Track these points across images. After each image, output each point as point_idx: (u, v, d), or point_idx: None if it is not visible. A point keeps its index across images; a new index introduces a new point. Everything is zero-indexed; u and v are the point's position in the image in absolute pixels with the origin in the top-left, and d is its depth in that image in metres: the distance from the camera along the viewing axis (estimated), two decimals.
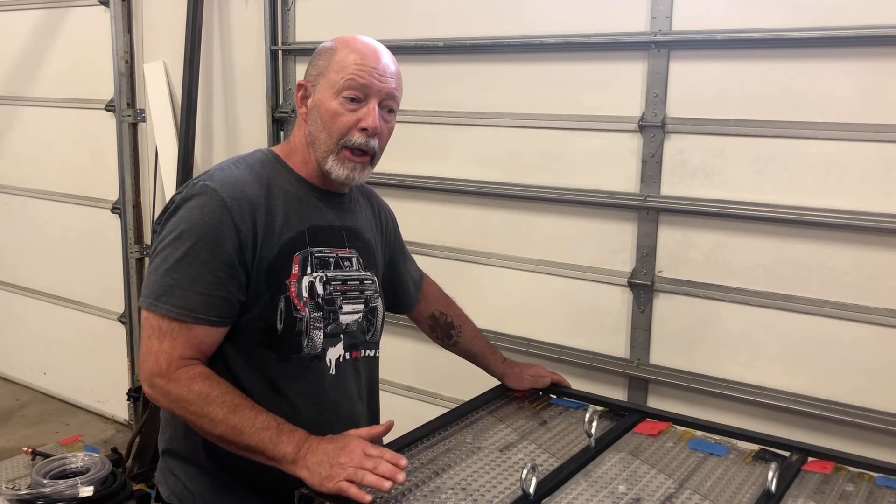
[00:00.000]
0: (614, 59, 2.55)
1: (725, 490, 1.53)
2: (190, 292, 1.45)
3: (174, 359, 1.45)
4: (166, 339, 1.45)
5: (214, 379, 1.45)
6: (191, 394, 1.42)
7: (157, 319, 1.46)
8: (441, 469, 1.56)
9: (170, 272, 1.46)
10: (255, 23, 3.39)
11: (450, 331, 2.02)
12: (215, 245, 1.46)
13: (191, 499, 1.59)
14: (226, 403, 1.42)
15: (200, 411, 1.42)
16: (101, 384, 4.35)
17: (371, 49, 1.58)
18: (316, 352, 1.58)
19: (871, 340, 2.23)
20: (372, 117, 1.54)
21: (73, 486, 2.37)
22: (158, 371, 1.44)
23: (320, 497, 1.39)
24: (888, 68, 2.13)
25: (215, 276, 1.46)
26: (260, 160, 1.62)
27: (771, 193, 2.32)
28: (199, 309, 1.45)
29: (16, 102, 4.45)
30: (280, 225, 1.55)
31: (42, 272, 4.55)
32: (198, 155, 3.60)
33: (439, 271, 2.08)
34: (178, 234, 1.47)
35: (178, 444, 1.61)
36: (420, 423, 1.77)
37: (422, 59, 2.95)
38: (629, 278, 2.57)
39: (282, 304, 1.53)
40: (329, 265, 1.61)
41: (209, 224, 1.47)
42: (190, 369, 1.45)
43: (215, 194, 1.48)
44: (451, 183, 2.93)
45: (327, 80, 1.56)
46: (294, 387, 1.56)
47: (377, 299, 1.72)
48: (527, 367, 2.05)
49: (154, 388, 1.46)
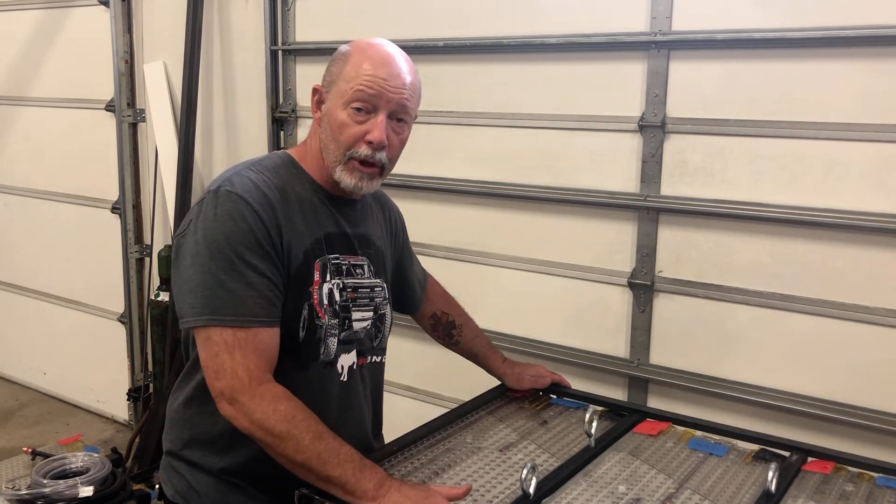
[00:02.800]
0: (614, 59, 2.55)
1: (725, 490, 1.53)
2: (247, 298, 1.42)
3: (252, 371, 1.40)
4: (237, 352, 1.41)
5: (295, 401, 1.41)
6: (276, 414, 1.38)
7: (221, 334, 1.41)
8: (441, 469, 1.56)
9: (221, 284, 1.42)
10: (255, 23, 3.39)
11: (451, 330, 2.02)
12: (256, 247, 1.44)
13: (196, 498, 1.58)
14: (311, 429, 1.38)
15: (286, 434, 1.37)
16: (101, 384, 4.35)
17: (385, 57, 1.53)
18: (329, 359, 1.57)
19: (871, 340, 2.23)
20: (379, 131, 1.50)
21: (73, 486, 2.37)
22: (241, 387, 1.39)
23: (320, 497, 1.39)
24: (888, 68, 2.13)
25: (266, 276, 1.45)
26: (275, 165, 1.59)
27: (771, 193, 2.32)
28: (260, 313, 1.43)
29: (16, 102, 4.45)
30: (300, 230, 1.53)
31: (42, 272, 4.55)
32: (198, 155, 3.60)
33: (439, 271, 2.09)
34: (217, 244, 1.43)
35: (185, 446, 1.60)
36: (420, 423, 1.77)
37: (422, 59, 2.91)
38: (629, 278, 2.57)
39: (305, 311, 1.52)
40: (342, 272, 1.60)
41: (244, 229, 1.44)
42: (273, 387, 1.41)
43: (241, 199, 1.45)
44: (451, 183, 2.93)
45: (338, 89, 1.52)
46: (306, 393, 1.53)
47: (386, 306, 1.71)
48: (527, 368, 2.05)
49: (236, 406, 1.40)
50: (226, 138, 3.65)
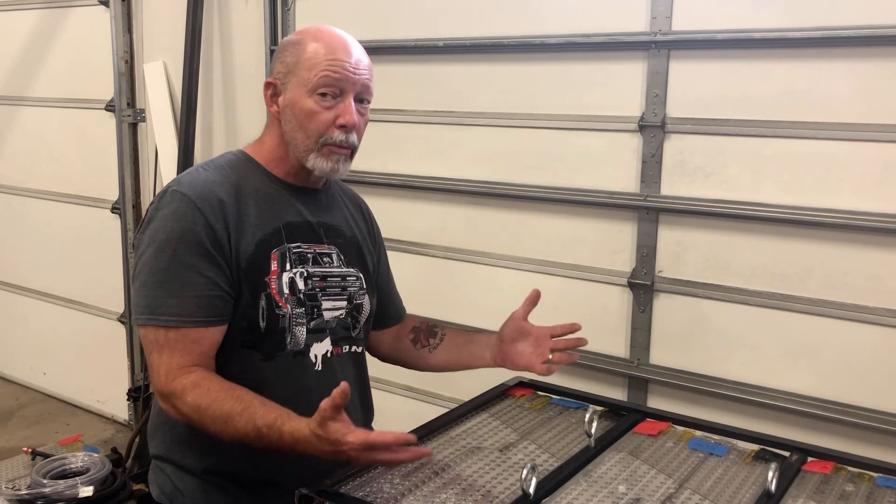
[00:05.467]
0: (614, 59, 2.54)
1: (725, 490, 1.53)
2: (184, 298, 1.45)
3: (172, 369, 1.44)
4: (165, 351, 1.45)
5: (207, 380, 1.44)
6: (196, 401, 1.41)
7: (155, 332, 1.46)
8: (441, 469, 1.56)
9: (159, 284, 1.46)
10: (254, 23, 3.39)
11: (433, 328, 1.92)
12: (196, 246, 1.46)
13: (180, 498, 1.59)
14: (229, 395, 1.41)
15: (213, 414, 1.40)
16: (101, 384, 4.34)
17: (340, 41, 1.56)
18: (299, 348, 1.57)
19: (871, 340, 2.23)
20: (349, 113, 1.53)
21: (73, 486, 2.37)
22: (161, 385, 1.45)
23: (320, 497, 1.39)
24: (888, 68, 2.13)
25: (204, 276, 1.46)
26: (229, 161, 1.62)
27: (771, 193, 2.32)
28: (196, 313, 1.45)
29: (16, 102, 4.45)
30: (254, 223, 1.54)
31: (42, 272, 4.54)
32: (198, 155, 3.60)
33: (438, 271, 2.09)
34: (158, 244, 1.47)
35: (170, 449, 1.61)
36: (420, 423, 1.77)
37: (422, 59, 2.94)
38: (629, 278, 2.57)
39: (263, 302, 1.53)
40: (308, 261, 1.60)
41: (185, 228, 1.47)
42: (185, 378, 1.44)
43: (185, 198, 1.49)
44: (450, 183, 2.92)
45: (299, 78, 1.53)
46: (281, 386, 1.55)
47: (363, 296, 1.70)
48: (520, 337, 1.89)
49: (167, 403, 1.46)
50: (225, 138, 3.64)
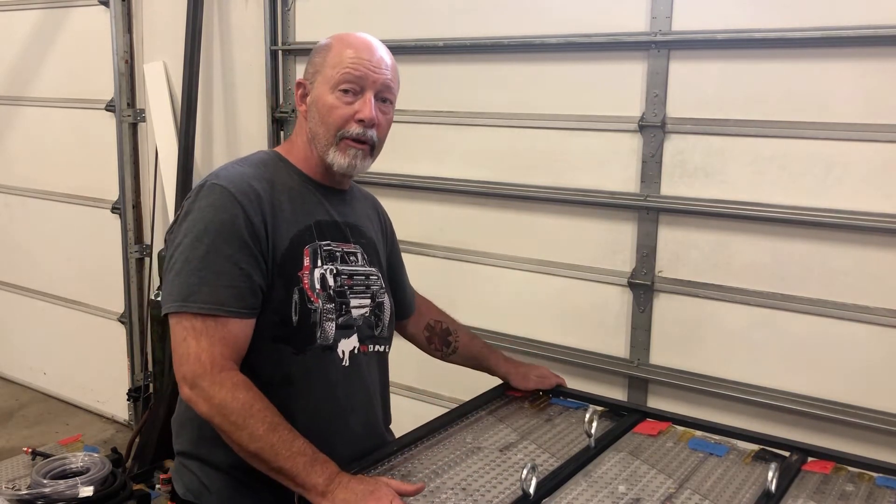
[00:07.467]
0: (614, 59, 2.55)
1: (725, 490, 1.53)
2: (218, 287, 1.45)
3: (216, 357, 1.42)
4: (203, 338, 1.43)
5: (255, 391, 1.43)
6: (235, 402, 1.39)
7: (190, 320, 1.44)
8: (441, 469, 1.56)
9: (195, 272, 1.46)
10: (255, 23, 3.39)
11: (447, 337, 2.02)
12: (234, 237, 1.48)
13: (207, 494, 1.59)
14: (266, 420, 1.39)
15: (241, 423, 1.39)
16: (101, 384, 4.35)
17: (365, 43, 1.61)
18: (328, 342, 1.58)
19: (871, 340, 2.23)
20: (368, 108, 1.57)
21: (73, 486, 2.37)
22: (202, 372, 1.41)
23: None
24: (888, 68, 2.13)
25: (239, 267, 1.47)
26: (262, 159, 1.66)
27: (771, 193, 2.32)
28: (230, 302, 1.45)
29: (16, 102, 4.45)
30: (287, 218, 1.57)
31: (42, 272, 4.55)
32: (198, 155, 3.60)
33: (439, 271, 2.09)
34: (196, 234, 1.48)
35: (197, 445, 1.60)
36: (420, 423, 1.77)
37: (422, 59, 2.95)
38: (629, 278, 2.57)
39: (296, 296, 1.54)
40: (336, 259, 1.63)
41: (224, 219, 1.48)
42: (234, 374, 1.43)
43: (224, 190, 1.50)
44: (450, 183, 2.93)
45: (324, 76, 1.59)
46: (309, 379, 1.56)
47: (384, 295, 1.73)
48: (531, 368, 2.05)
49: (196, 390, 1.42)
50: (226, 138, 3.65)
